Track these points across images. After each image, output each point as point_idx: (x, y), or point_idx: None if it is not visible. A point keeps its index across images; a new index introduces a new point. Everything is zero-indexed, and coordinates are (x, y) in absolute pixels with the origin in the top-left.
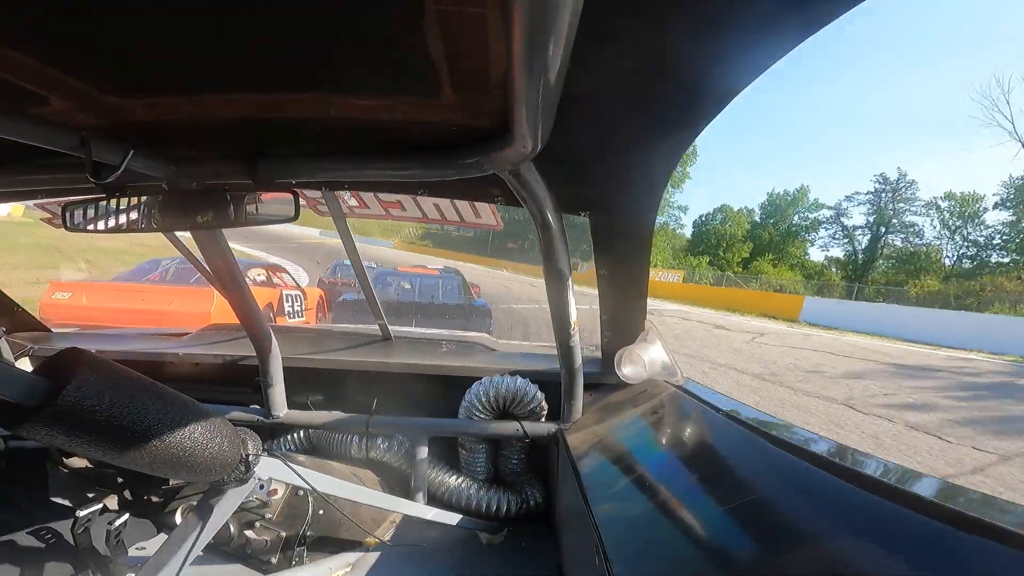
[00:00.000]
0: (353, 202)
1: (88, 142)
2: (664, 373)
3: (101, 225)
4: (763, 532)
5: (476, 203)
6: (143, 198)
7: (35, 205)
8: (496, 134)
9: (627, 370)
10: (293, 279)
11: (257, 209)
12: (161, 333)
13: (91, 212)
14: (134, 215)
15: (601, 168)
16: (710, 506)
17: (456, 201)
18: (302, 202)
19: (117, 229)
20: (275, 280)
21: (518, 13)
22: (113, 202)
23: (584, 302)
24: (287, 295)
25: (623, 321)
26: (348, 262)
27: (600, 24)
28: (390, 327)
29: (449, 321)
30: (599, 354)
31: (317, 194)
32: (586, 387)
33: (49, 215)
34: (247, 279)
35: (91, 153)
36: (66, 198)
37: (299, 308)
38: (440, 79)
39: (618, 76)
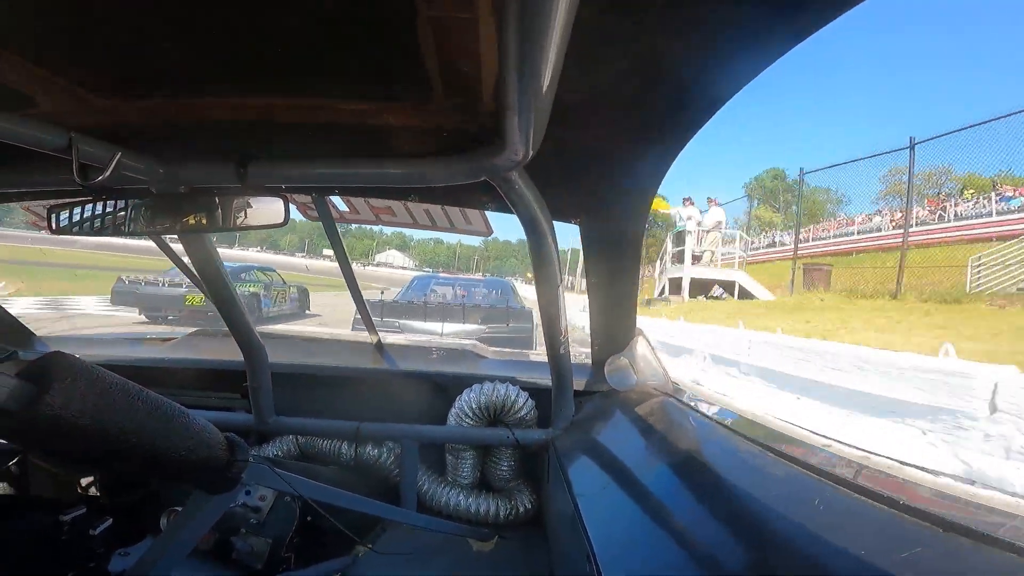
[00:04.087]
0: (344, 207)
1: (75, 143)
2: (654, 380)
3: (87, 228)
4: (754, 540)
5: (466, 209)
6: (130, 201)
7: (22, 207)
8: (487, 140)
9: (617, 378)
10: None
11: (246, 214)
12: (147, 338)
13: (77, 215)
14: (120, 218)
15: (592, 175)
16: (701, 513)
17: (447, 207)
18: (292, 207)
19: (103, 232)
20: None
21: (511, 20)
22: (100, 205)
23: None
24: None
25: (613, 329)
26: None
27: (592, 31)
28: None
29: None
30: (589, 362)
31: (307, 198)
32: (576, 395)
33: (35, 217)
34: None
35: (78, 154)
36: (52, 200)
37: None
38: (432, 85)
39: (610, 83)
